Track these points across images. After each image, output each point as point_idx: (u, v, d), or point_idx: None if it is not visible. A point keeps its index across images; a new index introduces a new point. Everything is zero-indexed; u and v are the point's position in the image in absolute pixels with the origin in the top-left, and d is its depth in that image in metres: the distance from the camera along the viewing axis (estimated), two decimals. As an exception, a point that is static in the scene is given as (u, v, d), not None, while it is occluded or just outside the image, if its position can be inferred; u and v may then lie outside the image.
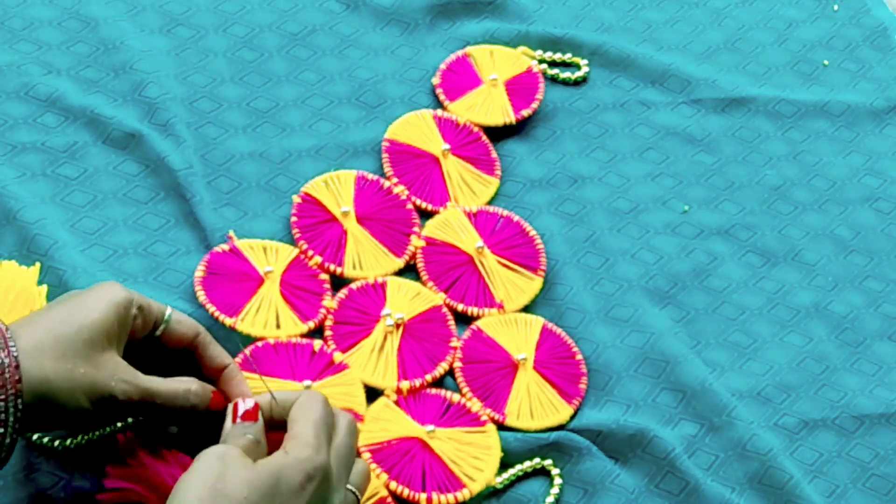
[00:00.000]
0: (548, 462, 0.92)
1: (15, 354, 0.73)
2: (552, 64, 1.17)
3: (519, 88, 1.13)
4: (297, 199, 1.01)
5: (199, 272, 0.95)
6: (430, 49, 1.14)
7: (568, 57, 1.17)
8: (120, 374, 0.78)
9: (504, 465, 0.91)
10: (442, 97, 1.11)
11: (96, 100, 1.03)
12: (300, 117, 1.07)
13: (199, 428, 0.84)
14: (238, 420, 0.80)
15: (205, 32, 1.10)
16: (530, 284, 1.01)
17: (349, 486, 0.80)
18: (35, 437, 0.84)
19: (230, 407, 0.80)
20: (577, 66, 1.17)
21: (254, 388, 0.86)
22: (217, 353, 0.85)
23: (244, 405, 0.80)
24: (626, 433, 0.93)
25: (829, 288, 1.06)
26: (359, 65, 1.12)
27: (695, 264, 1.05)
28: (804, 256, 1.08)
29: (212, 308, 0.93)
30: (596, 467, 0.92)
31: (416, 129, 1.08)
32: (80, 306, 0.79)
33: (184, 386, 0.81)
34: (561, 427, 0.94)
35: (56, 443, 0.84)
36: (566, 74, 1.15)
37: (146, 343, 0.83)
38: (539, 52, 1.16)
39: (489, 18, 1.18)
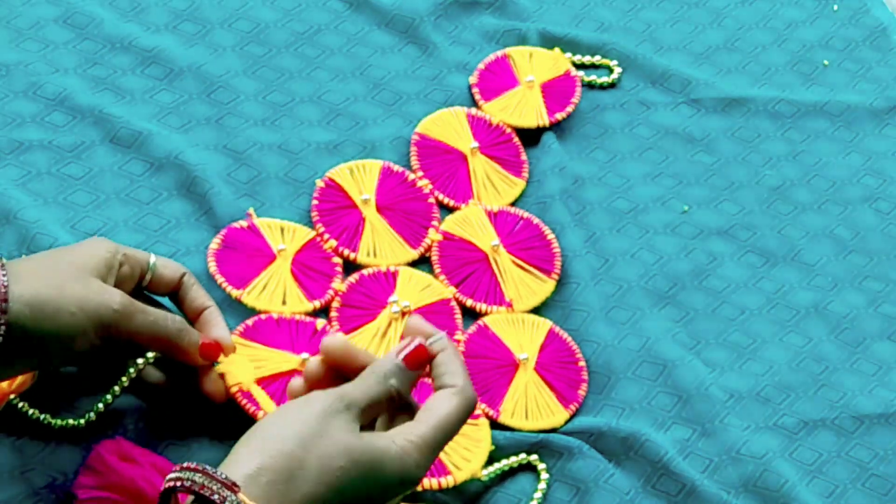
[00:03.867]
0: (534, 457, 0.92)
1: (4, 274, 0.75)
2: (581, 66, 1.17)
3: (555, 91, 1.13)
4: (320, 183, 1.02)
5: (214, 244, 0.96)
6: (438, 47, 1.14)
7: (598, 59, 1.17)
8: (110, 292, 0.79)
9: (491, 462, 0.91)
10: (477, 97, 1.11)
11: (104, 98, 1.04)
12: (317, 113, 1.08)
13: (184, 382, 0.86)
14: (400, 359, 0.76)
15: (210, 27, 1.11)
16: (542, 286, 1.02)
17: None
18: (54, 422, 0.85)
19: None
20: (609, 70, 1.17)
21: (251, 357, 0.88)
22: (199, 294, 0.87)
23: (409, 344, 0.77)
24: (617, 436, 0.93)
25: (828, 288, 1.06)
26: (369, 63, 1.12)
27: (694, 264, 1.06)
28: (804, 256, 1.08)
29: (220, 279, 0.94)
30: (588, 466, 0.92)
31: (448, 126, 1.09)
32: (67, 250, 0.82)
33: (170, 315, 0.83)
34: (554, 430, 0.94)
35: (69, 421, 0.85)
36: (592, 77, 1.16)
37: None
38: (568, 55, 1.17)
39: (491, 17, 1.18)
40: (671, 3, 1.24)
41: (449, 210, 1.05)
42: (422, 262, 1.01)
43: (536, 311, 1.01)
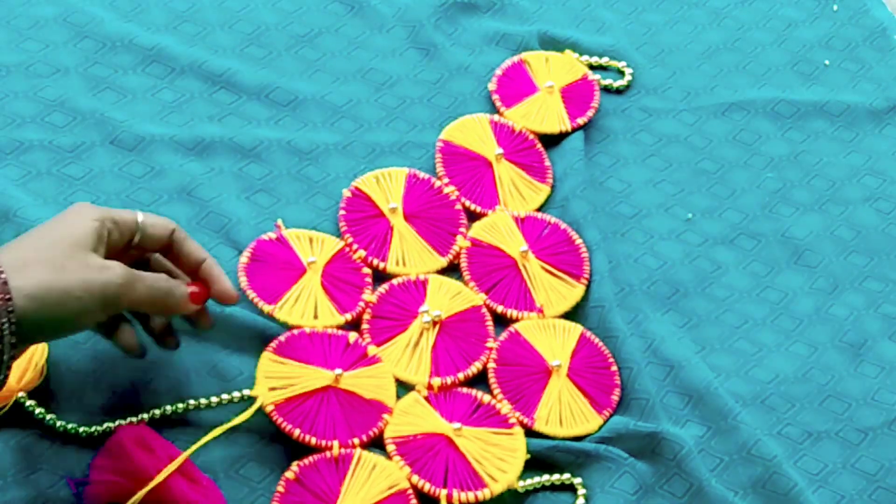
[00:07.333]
0: (577, 480, 0.91)
1: (1, 270, 0.74)
2: (591, 68, 1.17)
3: (575, 96, 1.13)
4: (346, 193, 1.02)
5: (244, 258, 0.96)
6: (439, 50, 1.14)
7: (605, 60, 1.17)
8: (110, 266, 0.79)
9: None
10: (498, 103, 1.11)
11: (104, 98, 1.04)
12: (321, 115, 1.08)
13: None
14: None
15: (211, 29, 1.10)
16: (572, 291, 1.01)
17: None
18: (58, 424, 0.85)
19: None
20: (619, 73, 1.17)
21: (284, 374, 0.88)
22: (193, 248, 0.86)
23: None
24: (638, 435, 0.93)
25: (829, 290, 1.06)
26: (370, 66, 1.12)
27: (697, 271, 1.05)
28: (806, 258, 1.08)
29: (252, 294, 0.94)
30: (598, 469, 0.91)
31: (472, 133, 1.08)
32: (57, 224, 0.81)
33: (163, 275, 0.83)
34: (587, 437, 0.94)
35: (81, 429, 0.85)
36: (608, 81, 1.16)
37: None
38: (585, 58, 1.17)
39: (491, 20, 1.18)
40: (671, 4, 1.24)
41: (476, 217, 1.04)
42: (451, 270, 1.01)
43: (568, 316, 1.00)
